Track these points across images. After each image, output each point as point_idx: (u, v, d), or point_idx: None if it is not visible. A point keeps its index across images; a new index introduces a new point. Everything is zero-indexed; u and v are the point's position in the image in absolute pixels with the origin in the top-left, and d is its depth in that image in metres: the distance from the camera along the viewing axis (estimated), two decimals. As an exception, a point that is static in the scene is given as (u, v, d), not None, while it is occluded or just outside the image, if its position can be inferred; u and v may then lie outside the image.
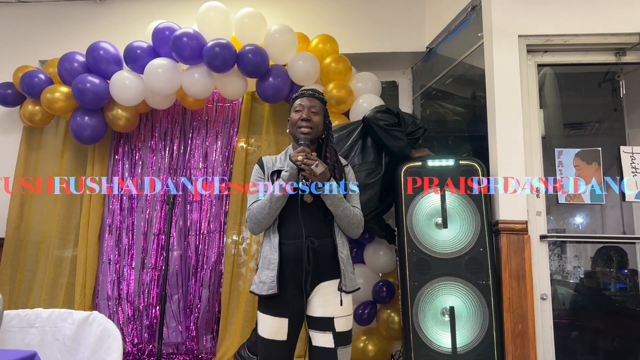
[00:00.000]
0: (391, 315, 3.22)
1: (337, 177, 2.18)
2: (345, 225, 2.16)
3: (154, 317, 3.70)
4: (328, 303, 2.10)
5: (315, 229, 2.13)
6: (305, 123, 2.18)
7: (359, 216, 2.21)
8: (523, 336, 2.58)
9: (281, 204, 2.11)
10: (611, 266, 2.94)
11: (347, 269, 2.14)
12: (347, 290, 2.10)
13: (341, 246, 2.16)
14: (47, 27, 4.16)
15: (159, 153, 3.97)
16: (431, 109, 3.94)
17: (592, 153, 2.91)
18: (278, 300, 2.08)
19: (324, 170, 2.04)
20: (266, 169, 2.26)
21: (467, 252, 2.61)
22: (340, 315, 2.09)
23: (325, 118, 2.27)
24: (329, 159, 2.20)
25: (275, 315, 2.08)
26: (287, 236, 2.14)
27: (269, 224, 2.16)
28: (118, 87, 3.45)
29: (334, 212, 2.13)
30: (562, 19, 2.94)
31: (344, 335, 2.09)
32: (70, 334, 1.75)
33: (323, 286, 2.12)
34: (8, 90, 3.79)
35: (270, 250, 2.14)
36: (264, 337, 2.09)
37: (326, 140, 2.25)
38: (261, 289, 2.09)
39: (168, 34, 3.42)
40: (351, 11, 3.98)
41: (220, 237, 3.79)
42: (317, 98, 2.25)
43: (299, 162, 2.02)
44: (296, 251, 2.10)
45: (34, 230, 3.85)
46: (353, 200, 2.24)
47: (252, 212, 2.16)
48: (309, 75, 3.44)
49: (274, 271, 2.08)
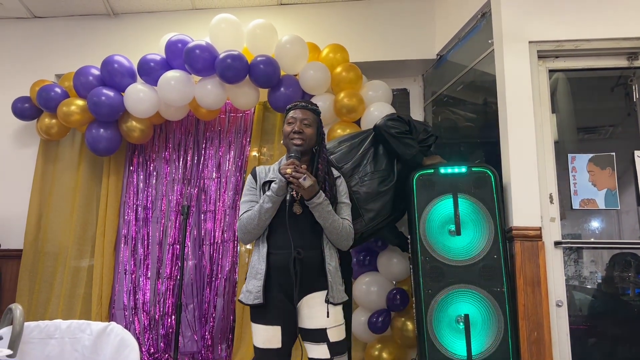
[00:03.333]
0: (405, 323, 3.21)
1: (327, 189, 2.19)
2: (334, 237, 2.17)
3: (169, 327, 3.72)
4: (317, 315, 2.10)
5: (304, 240, 2.14)
6: (297, 135, 2.19)
7: (349, 229, 2.21)
8: (539, 343, 2.56)
9: (270, 215, 2.13)
10: (629, 271, 2.91)
11: (334, 281, 2.14)
12: (334, 302, 2.11)
13: (329, 258, 2.16)
14: (63, 42, 4.23)
15: (173, 164, 4.01)
16: (442, 115, 3.94)
17: (606, 158, 2.89)
18: (268, 309, 2.09)
19: (312, 184, 2.05)
20: (259, 179, 2.27)
21: (481, 259, 2.59)
22: (332, 326, 2.10)
23: (319, 129, 2.28)
24: (320, 170, 2.21)
25: (268, 323, 2.08)
26: (275, 246, 2.15)
27: (259, 234, 2.18)
28: (132, 100, 3.50)
29: (323, 224, 2.13)
30: (573, 24, 2.94)
31: (338, 344, 2.10)
32: (88, 344, 1.78)
33: (310, 297, 2.13)
34: (25, 104, 3.86)
35: (258, 260, 2.16)
36: (259, 346, 2.10)
37: (319, 152, 2.26)
38: (247, 298, 2.12)
39: (181, 47, 3.46)
40: (361, 20, 4.01)
41: (234, 246, 3.81)
42: (310, 110, 2.27)
43: (287, 175, 2.04)
44: (284, 261, 2.11)
45: (51, 241, 3.90)
46: (343, 213, 2.25)
47: (242, 222, 2.18)
48: (320, 85, 3.47)
49: (260, 281, 2.10)
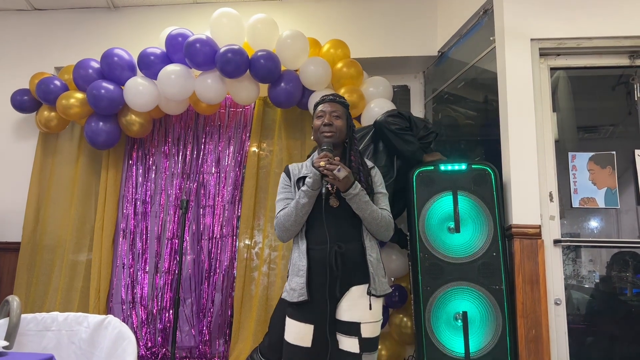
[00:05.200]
0: (404, 320, 3.21)
1: (362, 180, 2.17)
2: (374, 228, 2.15)
3: (167, 321, 3.72)
4: (356, 307, 2.08)
5: (342, 233, 2.13)
6: (327, 128, 2.18)
7: (388, 219, 2.19)
8: (537, 341, 2.56)
9: (307, 210, 2.11)
10: (627, 271, 2.90)
11: (376, 273, 2.12)
12: (376, 295, 2.08)
13: (370, 249, 2.14)
14: (62, 34, 4.21)
15: (172, 158, 4.00)
16: (443, 113, 3.93)
17: (607, 157, 2.88)
18: (306, 307, 2.07)
19: (347, 175, 2.03)
20: (292, 176, 2.26)
21: (480, 256, 2.59)
22: (368, 321, 2.07)
23: (349, 121, 2.27)
24: (354, 162, 2.20)
25: (302, 321, 2.07)
26: (314, 241, 2.14)
27: (297, 231, 2.16)
28: (132, 93, 3.48)
29: (361, 215, 2.11)
30: (575, 22, 2.93)
31: (370, 341, 2.07)
32: (85, 337, 1.77)
33: (353, 290, 2.11)
34: (24, 96, 3.85)
35: (299, 256, 2.14)
36: (289, 341, 2.09)
37: (350, 144, 2.24)
38: (292, 296, 2.09)
39: (181, 40, 3.45)
40: (362, 16, 3.99)
41: (233, 241, 3.80)
42: (338, 102, 2.26)
43: (321, 168, 2.02)
44: (323, 256, 2.09)
45: (49, 234, 3.89)
46: (381, 203, 2.23)
47: (279, 220, 2.16)
48: (321, 80, 3.45)
49: (303, 278, 2.08)
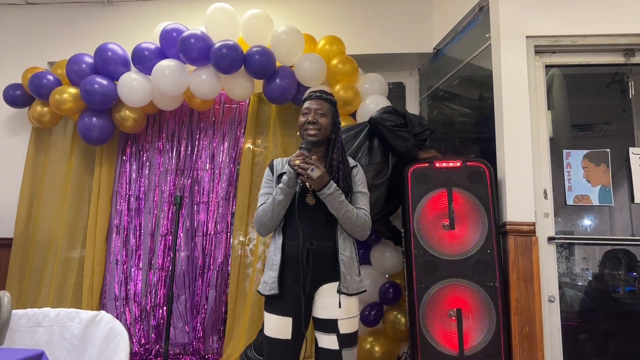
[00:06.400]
0: (398, 317, 3.21)
1: (341, 178, 2.17)
2: (349, 227, 2.15)
3: (161, 318, 3.70)
4: (329, 305, 2.11)
5: (317, 231, 2.14)
6: (311, 126, 2.18)
7: (364, 218, 2.18)
8: (530, 338, 2.56)
9: (284, 207, 2.13)
10: (619, 269, 2.92)
11: (348, 271, 2.13)
12: (347, 293, 2.10)
13: (343, 248, 2.15)
14: (56, 29, 4.18)
15: (167, 154, 3.98)
16: (438, 110, 3.93)
17: (601, 154, 2.89)
18: (281, 300, 2.10)
19: (320, 174, 2.03)
20: (275, 171, 2.27)
21: (474, 253, 2.59)
22: (344, 317, 2.10)
23: (334, 119, 2.26)
24: (334, 160, 2.20)
25: (279, 314, 2.09)
26: (289, 237, 2.16)
27: (274, 226, 2.19)
28: (126, 89, 3.46)
29: (336, 214, 2.12)
30: (571, 20, 2.93)
31: (348, 337, 2.10)
32: (77, 333, 1.76)
33: (325, 288, 2.14)
34: (17, 91, 3.82)
35: (274, 251, 2.17)
36: (269, 335, 2.11)
37: (333, 142, 2.24)
38: (264, 289, 2.13)
39: (175, 36, 3.42)
40: (358, 12, 3.98)
41: (227, 238, 3.79)
42: (324, 99, 2.24)
43: (296, 167, 2.03)
44: (297, 252, 2.11)
45: (42, 230, 3.86)
46: (360, 202, 2.22)
47: (258, 214, 2.19)
48: (316, 77, 3.44)
49: (275, 272, 2.11)
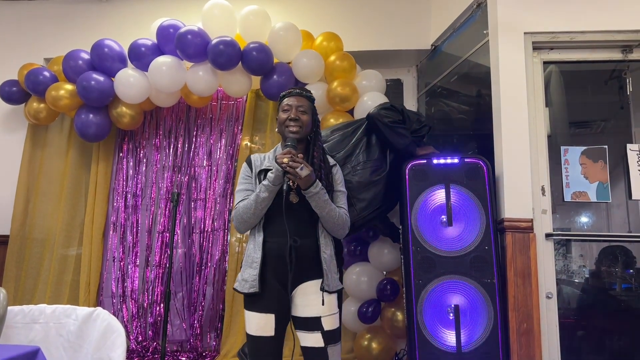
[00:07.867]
0: (395, 314, 3.21)
1: (323, 177, 2.17)
2: (330, 226, 2.16)
3: (158, 315, 3.70)
4: (312, 303, 2.10)
5: (299, 229, 2.13)
6: (293, 123, 2.17)
7: (344, 217, 2.20)
8: (528, 335, 2.56)
9: (267, 204, 2.11)
10: (616, 266, 2.92)
11: (329, 269, 2.13)
12: (329, 290, 2.10)
13: (324, 246, 2.15)
14: (52, 25, 4.16)
15: (164, 151, 3.97)
16: (436, 107, 3.92)
17: (598, 151, 2.89)
18: (263, 297, 2.08)
19: (309, 173, 2.03)
20: (254, 167, 2.24)
21: (472, 250, 2.59)
22: (327, 314, 2.09)
23: (314, 116, 2.26)
24: (316, 158, 2.20)
25: (261, 311, 2.08)
26: (271, 235, 2.14)
27: (255, 223, 2.16)
28: (122, 85, 3.45)
29: (319, 213, 2.12)
30: (569, 16, 2.92)
31: (333, 333, 2.10)
32: (74, 330, 1.75)
33: (305, 286, 2.12)
34: (13, 87, 3.80)
35: (254, 248, 2.14)
36: (252, 334, 2.09)
37: (314, 140, 2.24)
38: (243, 287, 2.10)
39: (172, 32, 3.41)
40: (356, 9, 3.97)
41: (225, 235, 3.79)
42: (305, 97, 2.24)
43: (284, 165, 2.02)
44: (279, 249, 2.10)
45: (38, 228, 3.86)
46: (339, 201, 2.24)
47: (238, 211, 2.15)
48: (313, 73, 3.43)
49: (256, 270, 2.09)
